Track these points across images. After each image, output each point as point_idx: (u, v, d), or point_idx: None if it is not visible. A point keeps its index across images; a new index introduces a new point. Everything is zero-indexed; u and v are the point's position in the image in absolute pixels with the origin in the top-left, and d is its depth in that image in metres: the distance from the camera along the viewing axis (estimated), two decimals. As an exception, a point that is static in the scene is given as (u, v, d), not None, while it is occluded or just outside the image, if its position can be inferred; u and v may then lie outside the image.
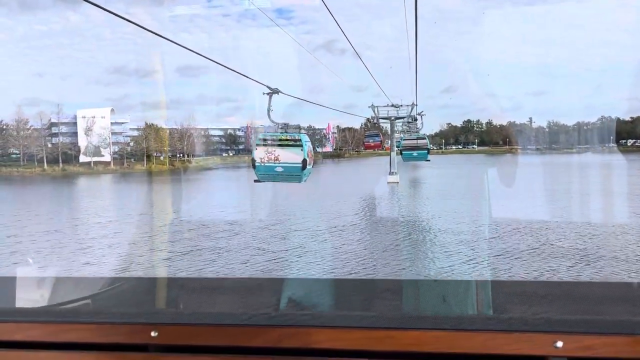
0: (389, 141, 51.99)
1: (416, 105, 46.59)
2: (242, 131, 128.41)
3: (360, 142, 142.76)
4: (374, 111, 47.68)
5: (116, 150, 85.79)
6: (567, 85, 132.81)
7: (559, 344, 2.01)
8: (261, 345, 2.20)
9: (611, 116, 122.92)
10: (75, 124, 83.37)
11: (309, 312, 2.92)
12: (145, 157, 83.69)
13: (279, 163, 22.53)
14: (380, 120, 49.73)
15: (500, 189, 40.39)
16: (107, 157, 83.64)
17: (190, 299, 3.24)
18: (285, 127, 23.46)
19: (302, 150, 22.36)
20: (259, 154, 22.46)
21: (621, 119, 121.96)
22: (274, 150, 22.40)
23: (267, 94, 23.84)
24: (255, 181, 23.21)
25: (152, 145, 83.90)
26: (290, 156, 22.43)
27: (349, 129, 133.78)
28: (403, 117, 47.93)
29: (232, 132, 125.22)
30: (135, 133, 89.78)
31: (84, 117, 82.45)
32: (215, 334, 2.24)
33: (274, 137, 22.75)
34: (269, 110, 23.97)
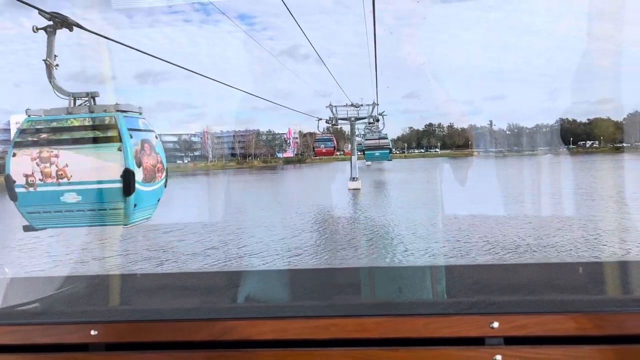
0: (349, 145, 49.76)
1: (377, 104, 42.85)
2: (198, 137, 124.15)
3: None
4: (332, 111, 43.67)
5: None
6: (524, 90, 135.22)
7: (495, 324, 2.09)
8: (203, 339, 2.19)
9: (568, 118, 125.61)
10: (8, 130, 76.07)
11: (253, 304, 2.86)
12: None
13: (70, 184, 10.05)
14: (340, 122, 45.67)
15: (464, 194, 37.62)
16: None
17: (130, 295, 3.17)
18: (90, 101, 10.45)
19: (121, 150, 9.87)
20: (19, 165, 10.03)
21: (578, 120, 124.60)
22: (57, 156, 10.02)
23: (42, 29, 10.55)
24: (25, 229, 10.67)
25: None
26: (93, 166, 10.08)
27: (311, 133, 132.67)
28: (364, 118, 44.21)
29: (187, 138, 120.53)
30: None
31: (17, 123, 75.31)
32: (156, 330, 2.21)
33: (57, 126, 10.13)
34: (49, 69, 10.85)
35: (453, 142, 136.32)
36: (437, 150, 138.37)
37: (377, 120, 44.30)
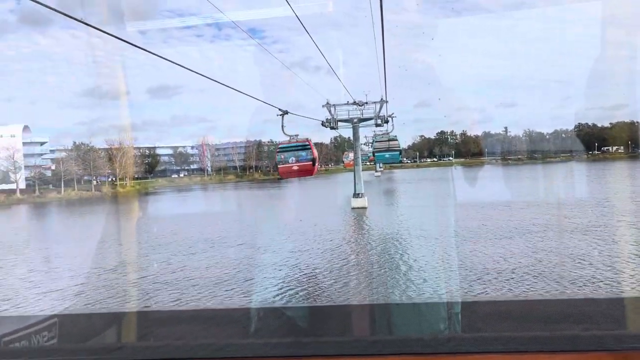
0: (349, 154, 42.28)
1: (386, 102, 34.19)
2: (196, 149, 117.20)
3: (329, 158, 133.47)
4: (329, 111, 35.08)
5: (30, 175, 70.54)
6: (536, 97, 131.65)
7: None
8: None
9: (588, 123, 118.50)
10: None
11: (280, 340, 2.75)
12: (62, 183, 69.27)
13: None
14: (340, 124, 36.95)
15: (482, 216, 29.41)
16: (21, 184, 68.94)
17: (158, 331, 3.14)
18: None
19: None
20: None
21: (599, 125, 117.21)
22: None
23: None
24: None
25: (74, 169, 69.57)
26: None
27: (319, 144, 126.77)
28: (369, 119, 35.72)
29: (182, 150, 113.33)
30: (63, 155, 75.67)
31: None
32: None
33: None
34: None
35: (467, 150, 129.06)
36: (450, 158, 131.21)
37: (387, 122, 35.87)
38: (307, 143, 31.15)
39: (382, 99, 34.29)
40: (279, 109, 26.96)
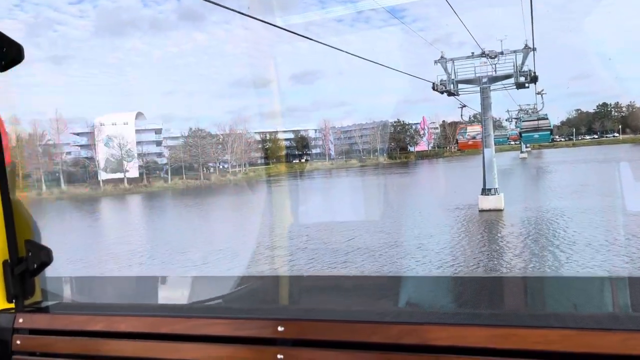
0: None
1: (534, 49, 22.19)
2: (320, 133, 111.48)
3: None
4: (444, 68, 23.97)
5: (142, 164, 68.90)
6: None
7: None
8: (381, 341, 2.27)
9: None
10: (92, 134, 68.37)
11: (429, 309, 2.91)
12: (169, 172, 66.53)
13: None
14: (460, 87, 25.60)
15: None
16: (134, 173, 67.76)
17: (310, 296, 3.42)
18: None
19: None
20: None
21: None
22: None
23: None
24: None
25: (181, 157, 66.47)
26: None
27: (455, 123, 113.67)
28: (507, 77, 23.98)
29: (304, 134, 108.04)
30: (178, 142, 73.75)
31: (102, 125, 67.23)
32: (337, 329, 2.35)
33: None
34: None
35: (638, 125, 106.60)
36: (616, 135, 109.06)
37: (534, 81, 23.75)
38: None
39: (526, 45, 22.41)
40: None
